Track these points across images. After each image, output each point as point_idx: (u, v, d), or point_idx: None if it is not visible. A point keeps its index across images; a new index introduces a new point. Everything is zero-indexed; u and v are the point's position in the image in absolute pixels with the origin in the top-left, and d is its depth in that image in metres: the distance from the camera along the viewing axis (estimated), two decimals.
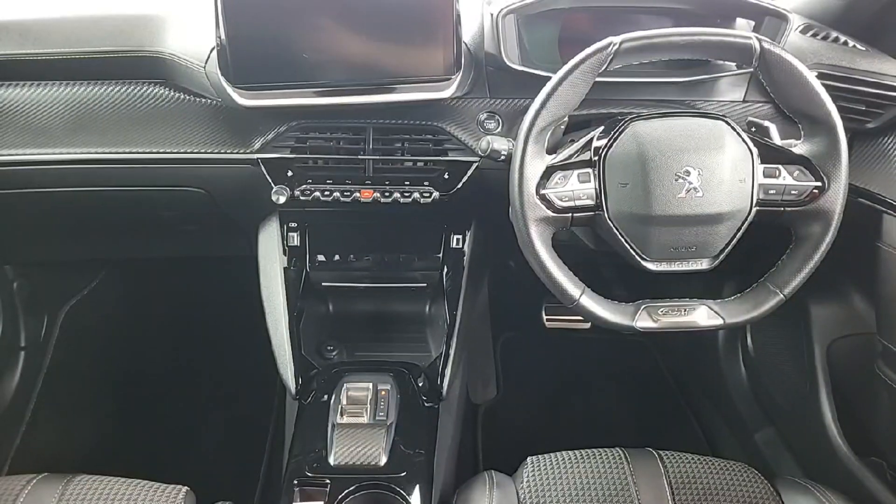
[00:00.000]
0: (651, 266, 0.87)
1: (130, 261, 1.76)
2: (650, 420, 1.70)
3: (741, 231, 0.86)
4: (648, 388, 1.80)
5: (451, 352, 1.16)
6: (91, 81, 1.05)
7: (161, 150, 1.08)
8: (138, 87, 1.06)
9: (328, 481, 0.92)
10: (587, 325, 1.35)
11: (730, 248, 0.87)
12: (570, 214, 0.86)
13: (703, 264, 0.88)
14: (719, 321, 0.88)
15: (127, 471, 0.95)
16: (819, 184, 0.85)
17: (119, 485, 0.91)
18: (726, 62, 1.05)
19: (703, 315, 0.88)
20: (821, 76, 1.01)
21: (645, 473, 0.94)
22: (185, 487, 0.93)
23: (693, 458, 0.97)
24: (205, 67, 1.01)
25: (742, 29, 1.07)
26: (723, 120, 0.87)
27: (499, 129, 1.07)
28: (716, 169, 0.84)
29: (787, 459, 1.38)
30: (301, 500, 0.90)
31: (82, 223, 1.37)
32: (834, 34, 1.08)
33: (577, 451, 0.98)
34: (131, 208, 1.24)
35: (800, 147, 0.87)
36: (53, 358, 1.64)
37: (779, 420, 1.43)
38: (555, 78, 0.84)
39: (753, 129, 0.95)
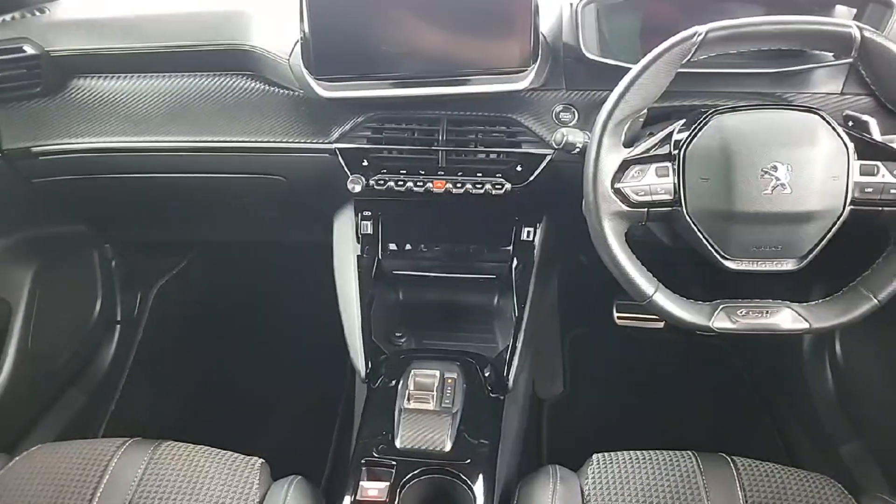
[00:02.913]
0: (732, 265, 0.83)
1: (216, 244, 1.86)
2: (725, 425, 1.63)
3: (832, 231, 0.82)
4: (724, 391, 1.73)
5: (518, 344, 1.15)
6: (185, 73, 1.11)
7: (246, 139, 1.13)
8: (228, 79, 1.11)
9: (394, 463, 0.94)
10: (660, 324, 1.32)
11: (819, 248, 0.82)
12: (646, 209, 0.84)
13: (788, 265, 0.84)
14: (805, 325, 0.84)
15: (208, 440, 1.00)
16: None
17: (202, 453, 0.96)
18: (822, 52, 0.99)
19: (786, 318, 0.84)
20: None
21: (717, 479, 0.91)
22: (261, 459, 0.97)
23: (770, 468, 0.93)
24: (289, 60, 1.05)
25: (842, 17, 1.01)
26: (816, 113, 0.82)
27: (574, 122, 1.05)
28: (806, 164, 0.79)
29: (876, 475, 1.29)
30: (368, 480, 0.93)
31: (174, 207, 1.45)
32: None
33: (645, 452, 0.96)
34: (218, 194, 1.31)
35: None
36: (145, 332, 1.76)
37: (868, 433, 1.34)
38: (635, 69, 0.82)
39: (850, 124, 0.89)
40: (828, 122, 0.82)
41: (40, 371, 1.41)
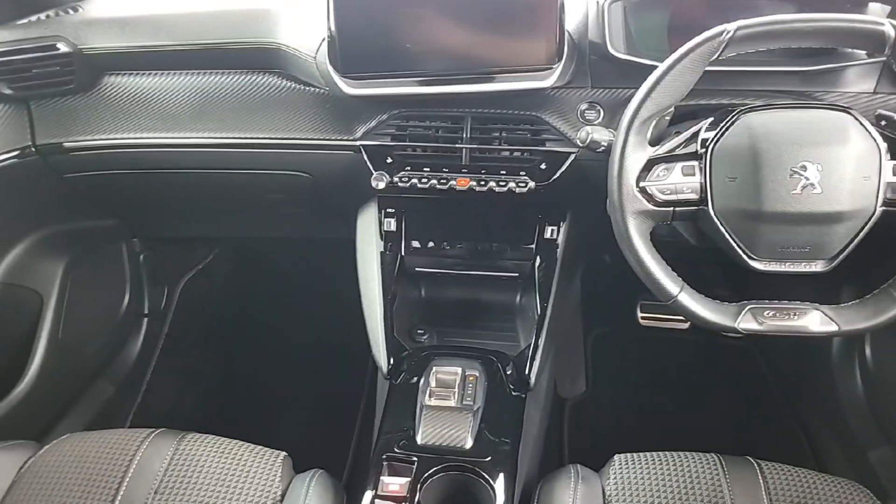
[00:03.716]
0: (759, 265, 0.82)
1: (241, 240, 1.89)
2: (750, 428, 1.61)
3: (863, 232, 0.80)
4: (750, 394, 1.71)
5: (540, 343, 1.15)
6: (214, 71, 1.13)
7: (272, 136, 1.14)
8: (254, 77, 1.12)
9: (415, 459, 0.95)
10: (685, 325, 1.30)
11: (849, 250, 0.81)
12: (671, 208, 0.83)
13: (817, 266, 0.82)
14: (833, 328, 0.82)
15: (231, 432, 1.02)
16: None
17: (226, 445, 0.98)
18: (854, 50, 0.97)
19: (815, 320, 0.83)
20: None
21: (742, 483, 0.90)
22: (284, 453, 0.98)
23: (796, 472, 0.91)
24: (315, 58, 1.06)
25: (875, 14, 0.98)
26: (847, 112, 0.81)
27: (599, 120, 1.05)
28: (837, 164, 0.78)
29: None
30: (389, 475, 0.93)
31: (201, 203, 1.47)
32: None
33: (668, 453, 0.95)
34: (244, 190, 1.33)
35: None
36: (171, 325, 1.79)
37: None
38: (662, 67, 0.81)
39: (883, 123, 0.87)
40: (859, 121, 0.80)
41: (70, 362, 1.44)
